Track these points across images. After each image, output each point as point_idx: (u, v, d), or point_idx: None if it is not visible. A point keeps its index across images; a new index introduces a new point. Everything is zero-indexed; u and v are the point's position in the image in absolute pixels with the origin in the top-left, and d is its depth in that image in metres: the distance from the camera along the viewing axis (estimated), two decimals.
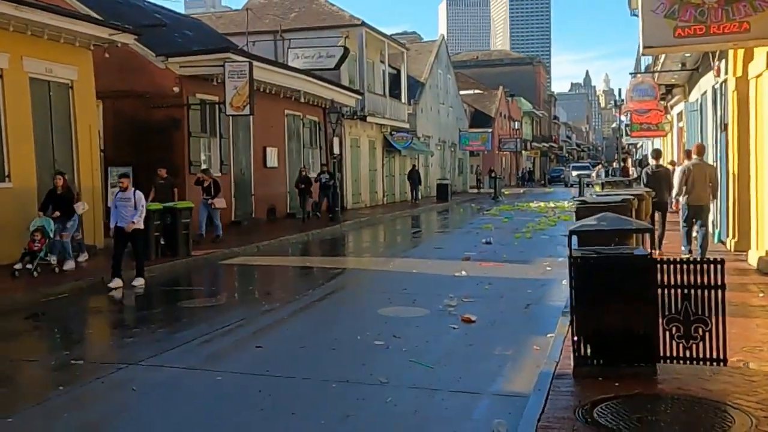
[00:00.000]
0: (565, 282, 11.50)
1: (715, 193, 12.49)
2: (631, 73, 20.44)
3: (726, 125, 14.00)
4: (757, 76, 11.07)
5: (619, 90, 54.91)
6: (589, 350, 5.73)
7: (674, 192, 12.33)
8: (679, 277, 5.58)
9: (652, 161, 15.52)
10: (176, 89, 19.21)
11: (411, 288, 11.14)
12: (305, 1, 32.86)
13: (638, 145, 58.87)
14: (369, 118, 31.04)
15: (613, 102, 64.11)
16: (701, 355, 5.57)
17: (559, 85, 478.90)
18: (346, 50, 27.20)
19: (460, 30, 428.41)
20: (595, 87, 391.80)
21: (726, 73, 13.96)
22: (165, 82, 19.22)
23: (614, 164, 57.56)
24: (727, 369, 5.64)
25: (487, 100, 66.14)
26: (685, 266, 5.56)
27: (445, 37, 49.46)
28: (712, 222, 16.42)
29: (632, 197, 8.41)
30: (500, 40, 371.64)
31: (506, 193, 48.68)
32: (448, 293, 10.31)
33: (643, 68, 22.76)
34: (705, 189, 12.02)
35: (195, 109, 19.67)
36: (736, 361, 5.91)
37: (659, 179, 13.70)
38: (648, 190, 11.88)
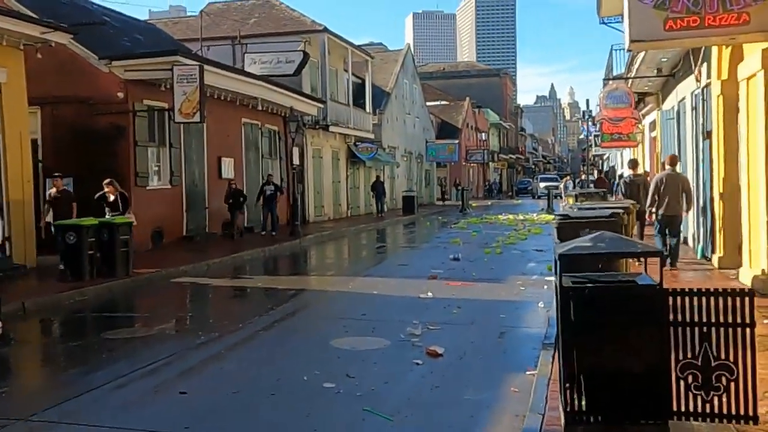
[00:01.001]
0: (542, 304, 10.45)
1: (690, 204, 12.58)
2: (604, 80, 19.53)
3: (709, 132, 13.08)
4: (749, 78, 10.11)
5: (587, 101, 54.54)
6: (583, 403, 4.58)
7: (648, 203, 12.51)
8: (696, 312, 4.45)
9: (629, 171, 15.69)
10: (121, 95, 17.81)
11: (371, 313, 9.94)
12: (266, 6, 31.65)
13: (605, 157, 58.58)
14: (332, 128, 29.85)
15: (580, 114, 63.84)
16: (725, 411, 4.44)
17: (525, 97, 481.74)
18: (306, 55, 26.00)
19: (426, 43, 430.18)
20: (560, 100, 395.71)
21: (709, 77, 13.06)
22: (109, 88, 17.82)
23: (582, 175, 57.07)
24: (759, 429, 4.53)
25: (454, 111, 65.39)
26: (703, 299, 4.44)
27: (411, 49, 48.46)
28: (693, 235, 15.55)
29: (621, 210, 7.32)
30: (467, 53, 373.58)
31: (474, 205, 47.73)
32: (412, 319, 9.15)
33: (615, 74, 21.93)
34: (678, 200, 12.18)
35: (142, 116, 18.29)
36: (765, 413, 4.79)
37: (637, 188, 13.76)
38: (633, 202, 10.95)
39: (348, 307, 10.62)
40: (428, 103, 61.15)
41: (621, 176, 22.00)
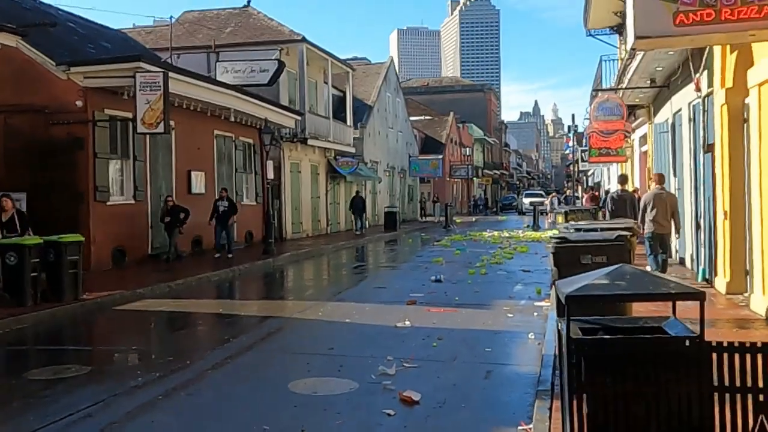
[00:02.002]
0: (532, 335, 9.31)
1: (678, 222, 12.50)
2: (593, 91, 18.54)
3: (711, 146, 12.08)
4: (761, 84, 9.11)
5: (573, 116, 53.86)
6: None
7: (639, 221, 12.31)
8: (748, 372, 3.35)
9: (618, 186, 15.42)
10: (79, 103, 16.61)
11: (340, 346, 8.79)
12: (243, 15, 30.56)
13: (589, 173, 57.78)
14: (310, 141, 28.71)
15: (564, 130, 63.21)
16: None
17: (509, 114, 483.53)
18: (281, 64, 24.88)
19: (411, 58, 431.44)
20: (543, 116, 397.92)
21: (710, 85, 12.08)
22: (67, 95, 16.63)
23: (567, 191, 56.24)
24: None
25: (438, 126, 64.54)
26: (758, 355, 3.34)
27: (395, 64, 47.54)
28: (691, 256, 14.54)
29: (628, 233, 6.23)
30: (451, 69, 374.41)
31: (458, 221, 46.74)
32: (387, 354, 8.01)
33: (605, 86, 20.98)
34: (667, 218, 12.09)
35: (102, 126, 17.09)
36: None
37: (624, 204, 13.67)
38: (635, 221, 9.96)
39: (315, 339, 9.45)
40: (412, 118, 60.23)
41: (608, 192, 21.12)
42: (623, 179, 15.94)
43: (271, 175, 21.37)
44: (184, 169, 20.61)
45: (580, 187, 51.61)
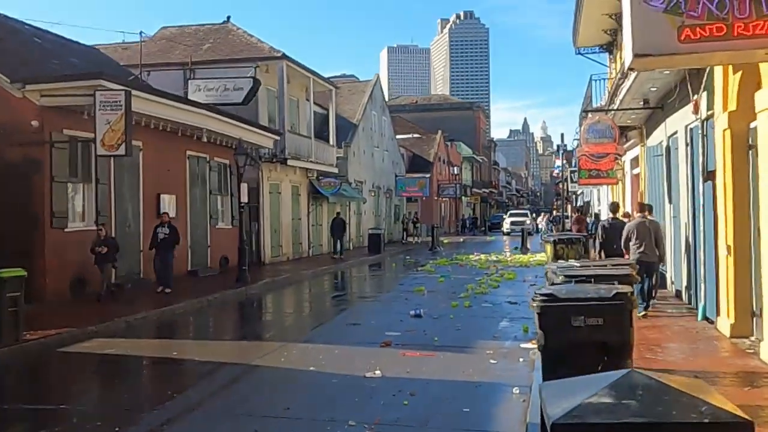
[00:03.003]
0: (517, 390, 8.19)
1: (663, 250, 12.91)
2: (583, 111, 17.64)
3: (711, 173, 11.12)
4: None
5: (562, 135, 53.15)
6: None
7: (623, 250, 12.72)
8: None
9: (610, 214, 15.19)
10: (36, 123, 15.53)
11: (297, 406, 7.70)
12: (222, 32, 29.59)
13: (578, 192, 56.92)
14: (290, 162, 27.68)
15: (553, 148, 62.48)
16: None
17: (498, 131, 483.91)
18: (257, 82, 23.87)
19: (401, 76, 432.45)
20: (533, 134, 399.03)
21: (710, 108, 11.15)
22: (22, 115, 15.55)
23: (555, 212, 55.26)
24: None
25: (426, 144, 63.69)
26: None
27: (380, 80, 46.64)
28: (686, 288, 13.57)
29: (628, 290, 5.21)
30: (440, 87, 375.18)
31: (445, 242, 45.76)
32: (350, 416, 6.98)
33: (595, 106, 20.07)
34: (652, 247, 12.40)
35: (61, 147, 16.01)
36: None
37: (616, 233, 13.43)
38: (632, 263, 9.00)
39: (271, 395, 8.35)
40: (400, 137, 59.37)
41: (597, 216, 20.25)
42: (614, 207, 15.31)
43: (245, 197, 20.27)
44: (153, 192, 19.52)
45: (569, 207, 50.73)
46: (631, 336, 4.94)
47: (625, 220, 15.13)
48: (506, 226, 58.81)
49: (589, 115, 17.66)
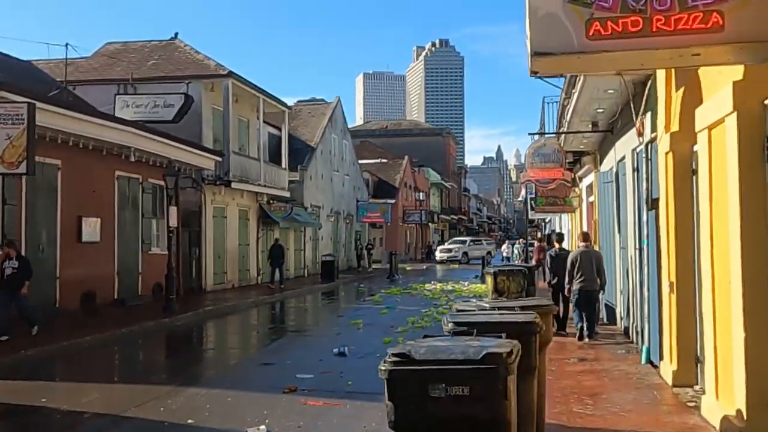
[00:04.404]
0: None
1: (604, 279, 13.12)
2: (530, 134, 16.61)
3: (655, 201, 10.07)
4: (711, 127, 7.10)
5: (524, 162, 52.26)
6: None
7: (566, 280, 12.97)
8: None
9: (555, 245, 15.22)
10: None
11: None
12: (169, 48, 28.36)
13: (547, 220, 55.99)
14: (235, 185, 26.37)
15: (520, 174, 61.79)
16: None
17: (473, 158, 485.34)
18: (189, 98, 22.62)
19: (376, 102, 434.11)
20: (506, 161, 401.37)
21: (654, 129, 10.13)
22: None
23: (520, 241, 54.08)
24: None
25: (392, 169, 62.74)
26: None
27: (341, 103, 45.53)
28: (635, 327, 12.46)
29: (506, 348, 3.99)
30: (416, 113, 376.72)
31: (408, 269, 44.60)
32: None
33: (549, 129, 19.10)
34: (593, 276, 12.66)
35: None
36: None
37: (561, 262, 13.61)
38: (551, 303, 7.94)
39: None
40: (365, 161, 58.41)
41: (544, 248, 19.31)
42: (560, 237, 15.48)
43: (174, 221, 18.91)
44: (73, 214, 18.10)
45: (538, 234, 49.65)
46: (508, 410, 3.74)
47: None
48: (438, 254, 55.53)
49: (535, 138, 16.65)
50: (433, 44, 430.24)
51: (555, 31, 4.92)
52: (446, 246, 56.98)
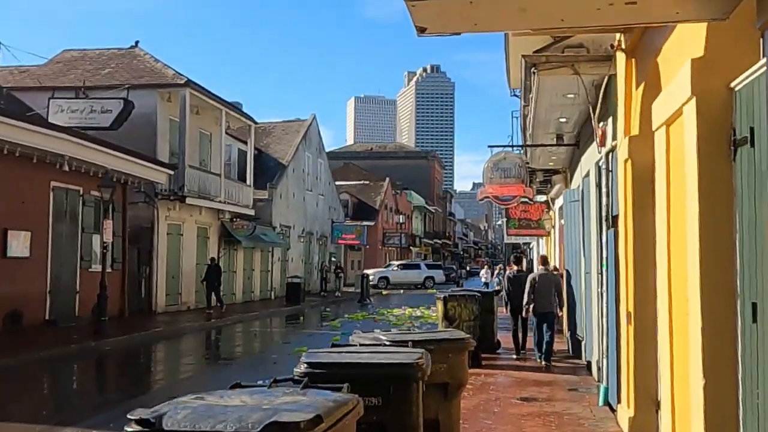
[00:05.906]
0: None
1: (561, 301, 13.18)
2: (490, 146, 15.23)
3: (615, 218, 8.72)
4: (669, 123, 5.77)
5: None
6: None
7: (524, 301, 12.69)
8: None
9: (513, 267, 15.06)
10: None
11: None
12: (127, 57, 27.01)
13: (531, 245, 54.60)
14: (190, 200, 24.90)
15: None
16: None
17: (462, 183, 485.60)
18: (128, 104, 21.22)
19: (367, 126, 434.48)
20: None
21: (615, 137, 8.82)
22: None
23: (498, 268, 52.39)
24: None
25: (373, 191, 61.50)
26: None
27: (317, 120, 44.14)
28: (598, 363, 11.06)
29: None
30: (406, 137, 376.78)
31: (384, 293, 43.00)
32: None
33: (516, 142, 17.82)
34: (550, 298, 12.63)
35: None
36: None
37: (520, 284, 13.29)
38: (465, 336, 6.55)
39: None
40: (346, 183, 57.15)
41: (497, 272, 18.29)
42: (518, 260, 15.17)
43: (108, 237, 17.43)
44: None
45: (525, 260, 48.09)
46: None
47: (555, 273, 14.25)
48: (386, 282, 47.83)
49: (494, 151, 15.31)
50: (425, 69, 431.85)
51: None
52: (411, 271, 52.05)
